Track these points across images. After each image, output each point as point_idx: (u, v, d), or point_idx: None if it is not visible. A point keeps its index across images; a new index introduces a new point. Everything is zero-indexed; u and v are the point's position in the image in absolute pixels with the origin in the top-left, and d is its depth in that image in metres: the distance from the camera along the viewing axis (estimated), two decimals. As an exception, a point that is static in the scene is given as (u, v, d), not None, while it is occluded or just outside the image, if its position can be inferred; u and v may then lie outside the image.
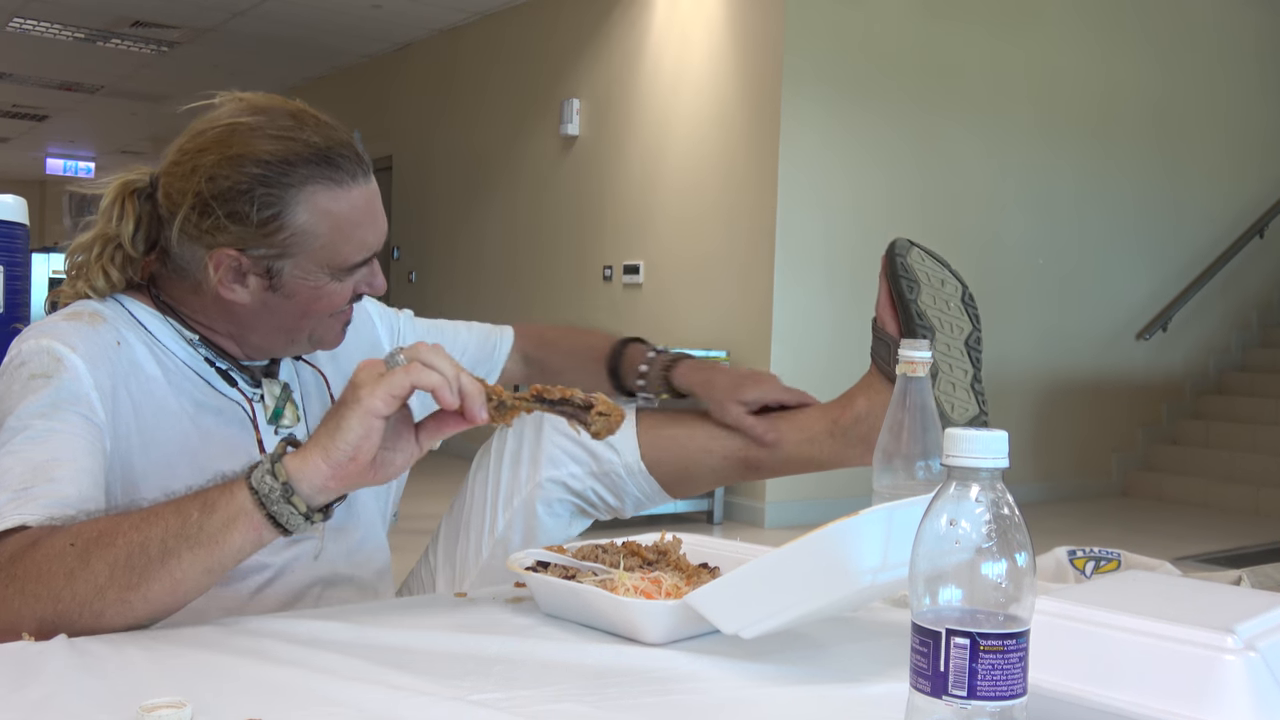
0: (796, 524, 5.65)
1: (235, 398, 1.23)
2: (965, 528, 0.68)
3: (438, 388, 0.95)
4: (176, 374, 1.20)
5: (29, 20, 8.40)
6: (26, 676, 0.85)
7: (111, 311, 1.20)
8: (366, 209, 1.20)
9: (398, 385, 0.94)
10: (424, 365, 0.96)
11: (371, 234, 1.21)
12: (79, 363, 1.11)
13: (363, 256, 1.21)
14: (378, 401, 0.94)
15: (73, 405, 1.09)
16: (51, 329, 1.14)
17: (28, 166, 15.47)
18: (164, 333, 1.22)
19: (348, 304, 1.25)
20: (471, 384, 0.98)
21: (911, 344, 1.14)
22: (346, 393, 0.96)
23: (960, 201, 6.44)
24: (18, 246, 2.26)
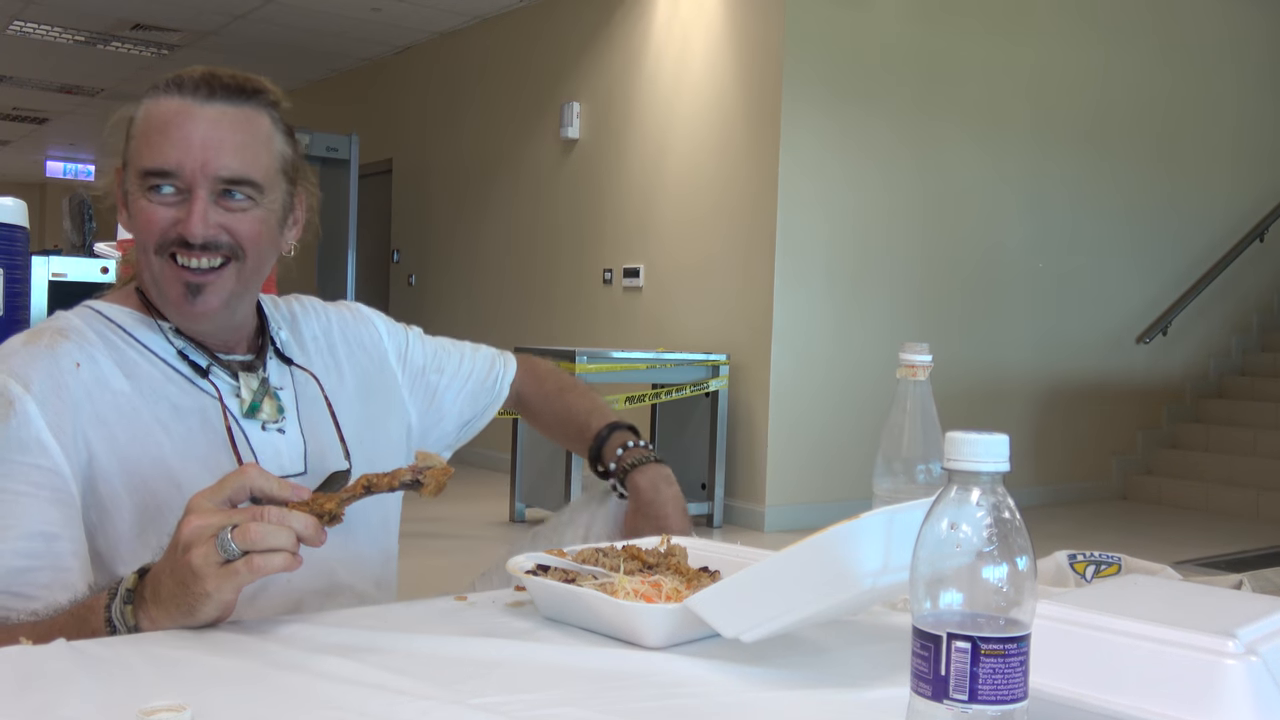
0: (796, 527, 5.65)
1: (209, 391, 1.22)
2: (966, 531, 0.68)
3: (286, 568, 0.95)
4: (148, 380, 1.19)
5: (30, 23, 8.41)
6: (26, 680, 0.85)
7: (83, 322, 1.20)
8: (178, 115, 1.16)
9: (245, 580, 0.94)
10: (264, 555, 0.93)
11: (173, 142, 1.16)
12: (29, 403, 1.10)
13: (154, 162, 1.16)
14: (228, 594, 0.94)
15: (20, 455, 1.09)
16: (7, 360, 1.13)
17: (28, 169, 15.48)
18: (142, 331, 1.22)
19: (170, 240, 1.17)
20: (304, 528, 0.96)
21: (912, 347, 1.14)
22: (184, 575, 0.94)
23: (960, 205, 6.44)
24: (18, 249, 2.26)
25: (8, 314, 2.19)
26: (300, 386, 1.33)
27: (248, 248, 1.20)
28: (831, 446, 5.92)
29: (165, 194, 1.17)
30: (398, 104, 9.09)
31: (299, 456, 1.28)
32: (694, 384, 5.73)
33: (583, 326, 7.07)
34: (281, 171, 1.24)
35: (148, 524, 1.14)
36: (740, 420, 5.91)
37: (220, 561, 0.93)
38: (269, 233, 1.23)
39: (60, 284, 4.55)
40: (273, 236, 1.25)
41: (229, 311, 1.23)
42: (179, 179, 1.16)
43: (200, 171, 1.16)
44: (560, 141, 7.27)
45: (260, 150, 1.21)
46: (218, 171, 1.17)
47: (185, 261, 1.18)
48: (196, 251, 1.18)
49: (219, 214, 1.18)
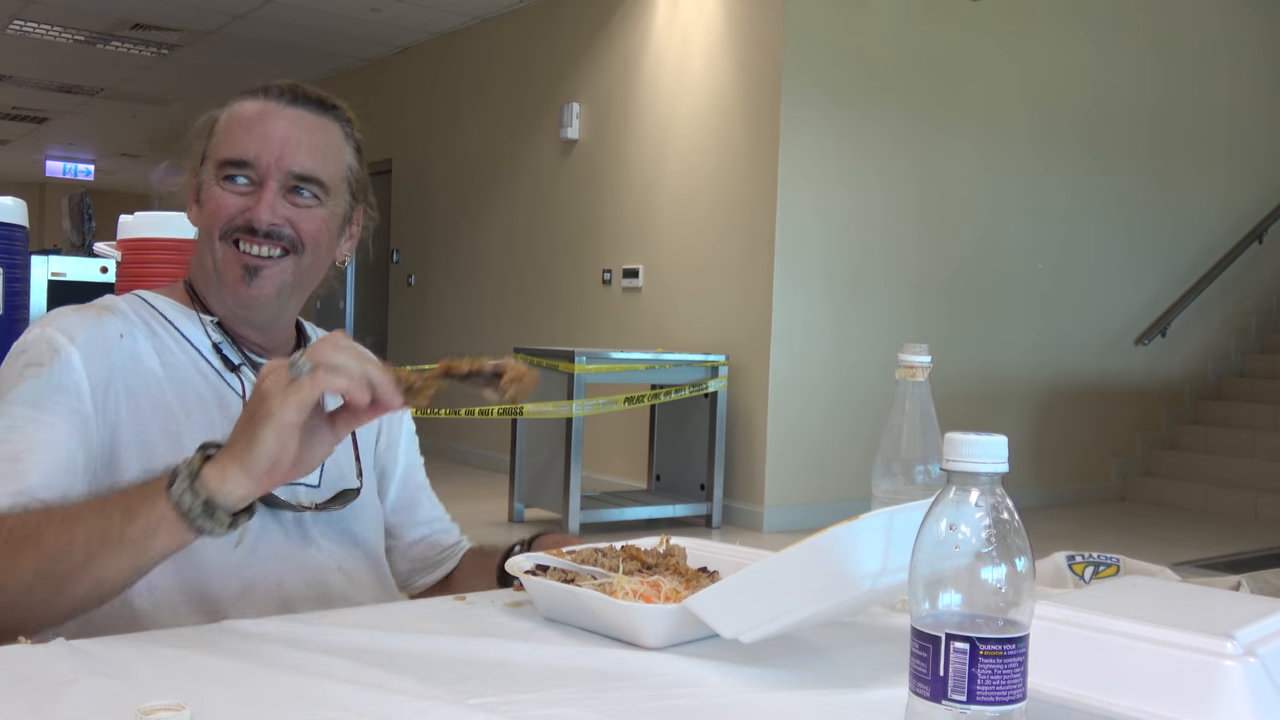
0: (795, 528, 5.65)
1: (235, 387, 1.25)
2: (965, 532, 0.68)
3: (347, 390, 0.96)
4: (178, 367, 1.22)
5: (30, 23, 8.41)
6: (25, 679, 0.85)
7: (129, 306, 1.25)
8: (261, 114, 1.25)
9: (306, 396, 0.94)
10: (329, 369, 0.95)
11: (253, 136, 1.23)
12: (74, 354, 1.15)
13: (232, 153, 1.23)
14: (290, 414, 0.93)
15: (59, 395, 1.13)
16: (58, 319, 1.19)
17: (28, 169, 15.48)
18: (182, 321, 1.26)
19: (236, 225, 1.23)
20: (379, 375, 0.98)
21: (911, 349, 1.14)
22: (254, 403, 0.95)
23: (959, 206, 6.44)
24: (17, 248, 2.26)
25: (7, 312, 2.19)
26: None
27: (307, 243, 1.26)
28: (830, 447, 5.93)
29: (238, 184, 1.24)
30: (397, 104, 9.08)
31: (316, 470, 1.28)
32: (693, 385, 5.73)
33: (582, 327, 7.07)
34: (346, 182, 1.31)
35: None
36: (739, 421, 5.91)
37: (288, 381, 0.94)
38: (329, 235, 1.29)
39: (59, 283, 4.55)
40: (331, 240, 1.30)
41: (280, 303, 1.27)
42: (254, 170, 1.23)
43: (275, 164, 1.23)
44: (560, 142, 7.27)
45: (331, 156, 1.28)
46: (291, 166, 1.24)
47: (247, 248, 1.23)
48: (260, 239, 1.23)
49: (286, 207, 1.24)
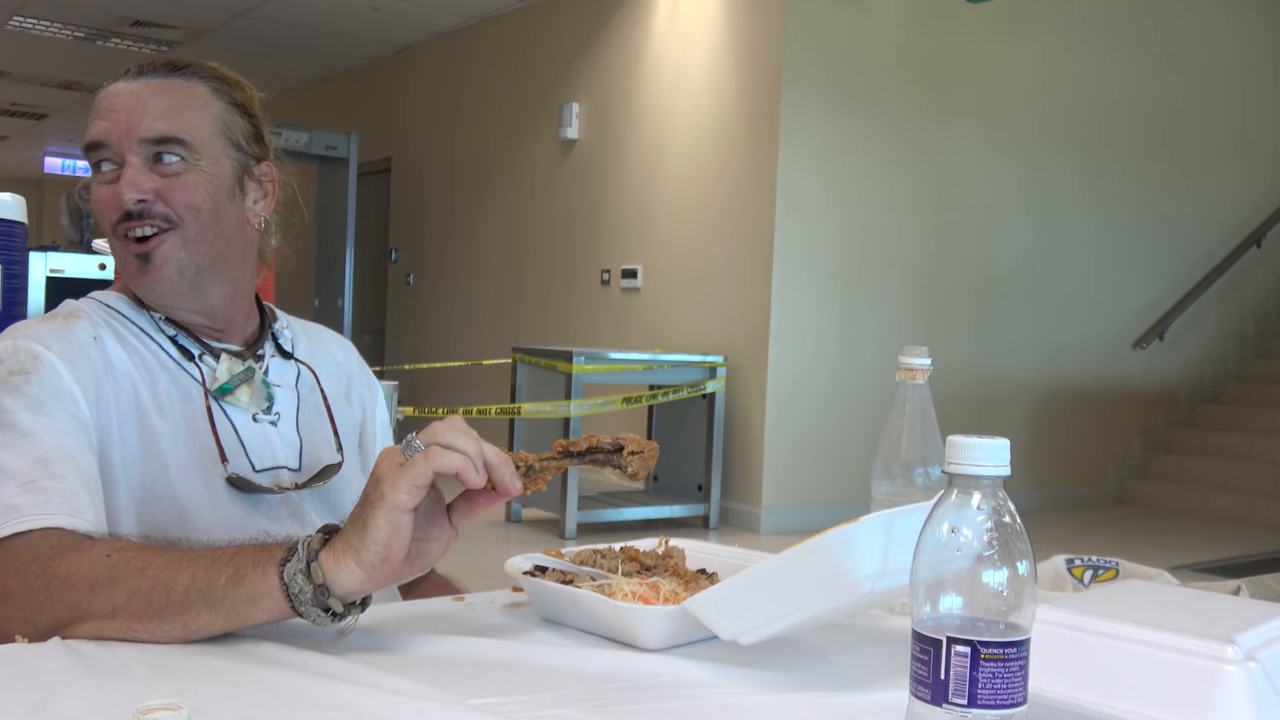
0: (793, 529, 5.65)
1: (195, 376, 1.23)
2: (967, 535, 0.68)
3: (462, 469, 0.92)
4: (145, 365, 1.20)
5: (29, 19, 8.40)
6: (23, 679, 0.85)
7: (89, 308, 1.22)
8: (109, 94, 1.21)
9: (420, 475, 0.90)
10: (444, 448, 0.92)
11: (99, 115, 1.20)
12: (56, 360, 1.12)
13: (86, 138, 1.20)
14: (402, 495, 0.89)
15: (57, 401, 1.10)
16: (24, 331, 1.16)
17: (26, 165, 15.47)
18: (138, 317, 1.24)
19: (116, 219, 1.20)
20: (497, 456, 0.94)
21: (911, 351, 1.14)
22: (369, 488, 0.92)
23: (959, 208, 6.45)
24: (16, 245, 2.25)
25: (6, 309, 2.19)
26: (303, 387, 1.34)
27: (184, 214, 1.20)
28: (829, 449, 5.93)
29: (104, 172, 1.20)
30: (397, 103, 9.08)
31: (294, 453, 1.28)
32: (691, 385, 5.72)
33: (580, 327, 7.07)
34: (225, 137, 1.24)
35: (142, 505, 1.14)
36: (737, 422, 5.91)
37: (401, 462, 0.91)
38: (211, 198, 1.22)
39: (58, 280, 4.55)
40: (217, 203, 1.23)
41: (187, 282, 1.22)
42: (110, 149, 1.19)
43: (125, 136, 1.18)
44: (559, 142, 7.26)
45: (190, 113, 1.21)
46: (141, 133, 1.18)
47: (128, 232, 1.19)
48: (135, 221, 1.19)
49: (151, 179, 1.19)
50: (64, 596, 0.93)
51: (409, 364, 8.36)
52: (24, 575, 0.96)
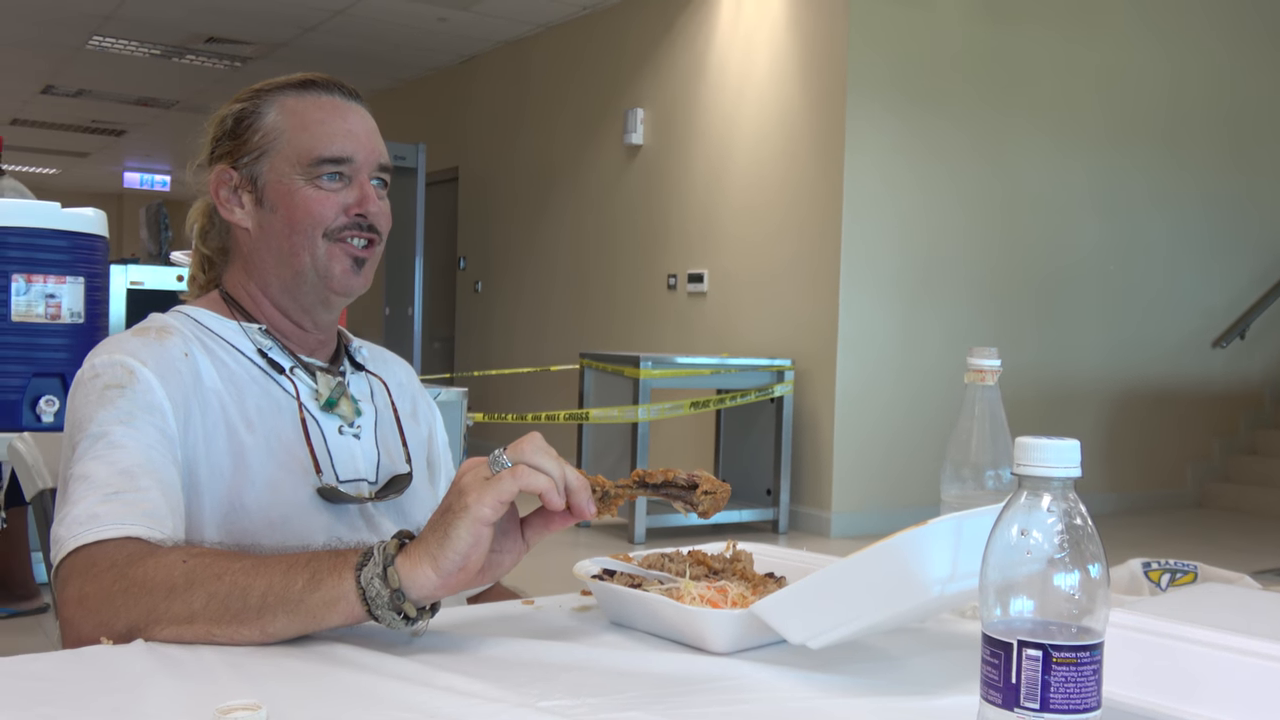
0: (863, 534, 5.61)
1: (288, 390, 1.26)
2: (1037, 538, 0.68)
3: (545, 490, 0.94)
4: (234, 379, 1.23)
5: (108, 38, 8.63)
6: (108, 679, 0.87)
7: (179, 323, 1.26)
8: (334, 110, 1.28)
9: (505, 491, 0.92)
10: (530, 468, 0.94)
11: (339, 133, 1.26)
12: (150, 375, 1.16)
13: (328, 150, 1.25)
14: (486, 509, 0.92)
15: (147, 415, 1.14)
16: (121, 345, 1.19)
17: (106, 180, 15.89)
18: (228, 330, 1.27)
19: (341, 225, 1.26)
20: (577, 479, 0.97)
21: (980, 352, 1.13)
22: (451, 497, 0.94)
23: (1028, 207, 6.35)
24: (98, 258, 2.32)
25: (89, 320, 2.25)
26: (378, 399, 1.37)
27: (383, 231, 1.30)
28: (898, 452, 5.87)
29: (334, 182, 1.26)
30: (463, 112, 9.18)
31: (372, 466, 1.31)
32: (759, 389, 5.71)
33: (647, 332, 7.08)
34: None
35: (227, 516, 1.17)
36: (805, 426, 5.88)
37: (486, 476, 0.94)
38: None
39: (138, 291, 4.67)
40: None
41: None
42: (349, 165, 1.26)
43: (368, 159, 1.28)
44: (624, 148, 7.29)
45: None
46: (380, 159, 1.29)
47: (355, 241, 1.27)
48: (366, 231, 1.28)
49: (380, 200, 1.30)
50: (140, 601, 0.96)
51: (478, 370, 8.44)
52: (101, 580, 0.98)
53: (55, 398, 2.17)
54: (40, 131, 12.53)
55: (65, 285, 2.21)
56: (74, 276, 2.22)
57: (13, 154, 13.64)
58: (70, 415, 1.16)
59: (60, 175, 15.56)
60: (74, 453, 1.11)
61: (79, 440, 1.12)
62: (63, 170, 15.28)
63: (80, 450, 1.11)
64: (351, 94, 1.32)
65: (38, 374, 2.18)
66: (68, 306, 2.21)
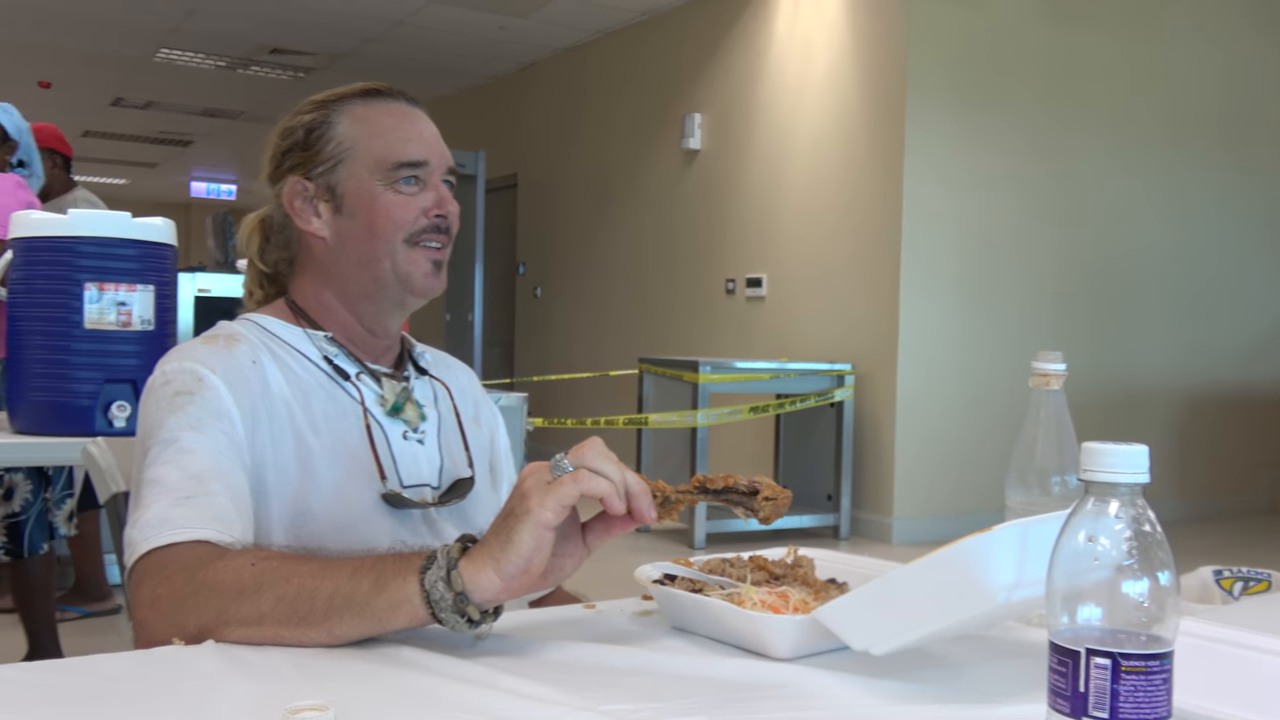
0: (925, 540, 5.55)
1: (354, 395, 1.28)
2: (1105, 545, 0.67)
3: (607, 495, 0.95)
4: (301, 385, 1.25)
5: (175, 50, 8.81)
6: (179, 679, 0.89)
7: (247, 331, 1.28)
8: (404, 116, 1.31)
9: (566, 495, 0.93)
10: (591, 472, 0.95)
11: (413, 138, 1.29)
12: (219, 382, 1.18)
13: (405, 155, 1.28)
14: (548, 513, 0.93)
15: (216, 422, 1.16)
16: (191, 352, 1.22)
17: (174, 190, 16.21)
18: (294, 336, 1.29)
19: (421, 228, 1.28)
20: (638, 484, 0.97)
21: (1045, 356, 1.11)
22: (513, 500, 0.95)
23: (1092, 208, 6.25)
24: (167, 266, 2.37)
25: (159, 328, 2.30)
26: (441, 404, 1.39)
27: (454, 233, 1.34)
28: (960, 457, 5.80)
29: (411, 185, 1.29)
30: (522, 119, 9.24)
31: (435, 470, 1.32)
32: (818, 394, 5.68)
33: (705, 336, 7.07)
34: None
35: (294, 520, 1.19)
36: (866, 430, 5.83)
37: (548, 480, 0.95)
38: None
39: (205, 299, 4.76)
40: None
41: None
42: (424, 169, 1.30)
43: (440, 162, 1.31)
44: (682, 152, 7.29)
45: None
46: (449, 162, 1.33)
47: (429, 241, 1.30)
48: (442, 234, 1.31)
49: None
50: (211, 603, 0.98)
51: (537, 376, 8.48)
52: (173, 582, 1.00)
53: (127, 403, 2.22)
54: (111, 143, 12.81)
55: (136, 293, 2.26)
56: (144, 284, 2.27)
57: (84, 165, 13.97)
58: (142, 421, 1.19)
59: (130, 185, 15.90)
60: (146, 458, 1.14)
61: (150, 445, 1.14)
62: (132, 181, 15.61)
63: (152, 455, 1.13)
64: (413, 101, 1.34)
65: (110, 380, 2.23)
66: (138, 314, 2.26)
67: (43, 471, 3.06)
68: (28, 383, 2.25)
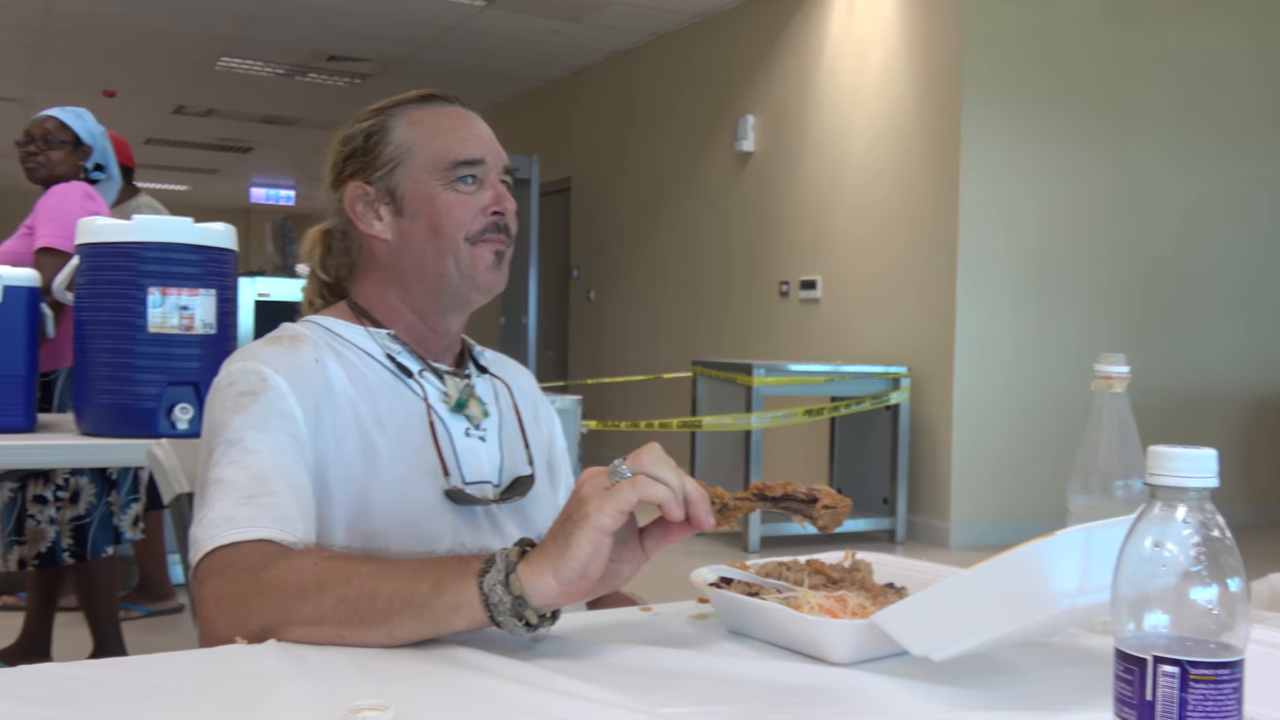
0: (983, 544, 5.49)
1: (417, 392, 1.29)
2: (1172, 550, 0.66)
3: (665, 501, 0.95)
4: (365, 383, 1.27)
5: (235, 59, 8.95)
6: (242, 678, 0.90)
7: (310, 331, 1.30)
8: (459, 117, 1.33)
9: (625, 501, 0.93)
10: (650, 478, 0.95)
11: (469, 137, 1.31)
12: (282, 382, 1.20)
13: (462, 154, 1.30)
14: (606, 519, 0.93)
15: (280, 422, 1.18)
16: (256, 353, 1.24)
17: (234, 196, 16.46)
18: (357, 335, 1.31)
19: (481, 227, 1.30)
20: (696, 490, 0.97)
21: (1108, 358, 1.10)
22: (572, 505, 0.95)
23: (1152, 208, 6.15)
24: (228, 271, 2.40)
25: (220, 331, 2.33)
26: (501, 402, 1.40)
27: (514, 231, 1.36)
28: (1020, 461, 5.73)
29: (469, 185, 1.31)
30: (575, 123, 9.27)
31: (496, 468, 1.33)
32: (874, 397, 5.63)
33: (759, 339, 7.05)
34: None
35: (358, 516, 1.20)
36: (923, 433, 5.78)
37: (606, 486, 0.95)
38: None
39: (264, 303, 4.83)
40: None
41: None
42: (482, 168, 1.32)
43: (497, 161, 1.33)
44: (735, 155, 7.28)
45: None
46: (505, 161, 1.35)
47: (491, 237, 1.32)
48: (501, 232, 1.33)
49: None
50: (273, 602, 0.99)
51: (590, 379, 8.51)
52: (236, 581, 1.02)
53: (189, 406, 2.25)
54: (173, 150, 13.04)
55: (198, 297, 2.29)
56: (206, 289, 2.30)
57: (147, 172, 14.23)
58: (207, 420, 1.21)
59: (191, 191, 16.17)
60: (210, 457, 1.16)
61: (215, 445, 1.16)
62: (193, 187, 15.88)
63: (216, 455, 1.15)
64: (468, 104, 1.36)
65: (172, 383, 2.27)
66: (200, 318, 2.29)
67: (106, 475, 3.12)
68: (94, 386, 2.29)
